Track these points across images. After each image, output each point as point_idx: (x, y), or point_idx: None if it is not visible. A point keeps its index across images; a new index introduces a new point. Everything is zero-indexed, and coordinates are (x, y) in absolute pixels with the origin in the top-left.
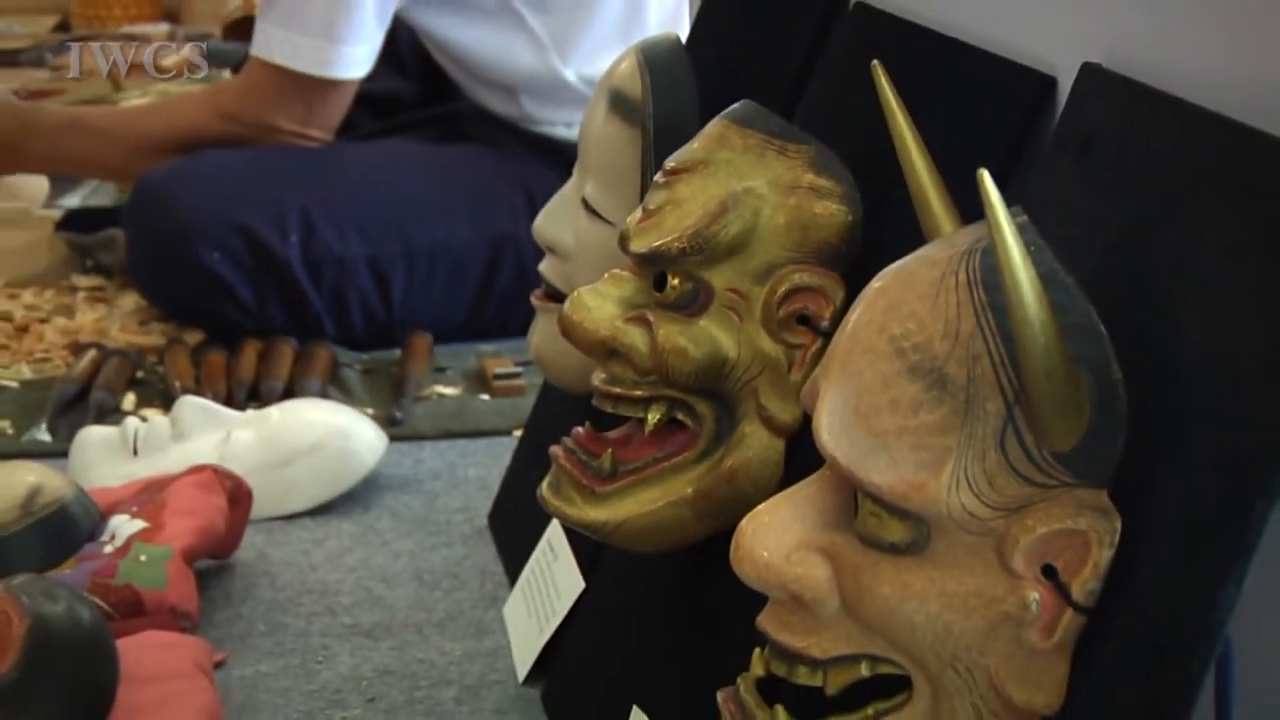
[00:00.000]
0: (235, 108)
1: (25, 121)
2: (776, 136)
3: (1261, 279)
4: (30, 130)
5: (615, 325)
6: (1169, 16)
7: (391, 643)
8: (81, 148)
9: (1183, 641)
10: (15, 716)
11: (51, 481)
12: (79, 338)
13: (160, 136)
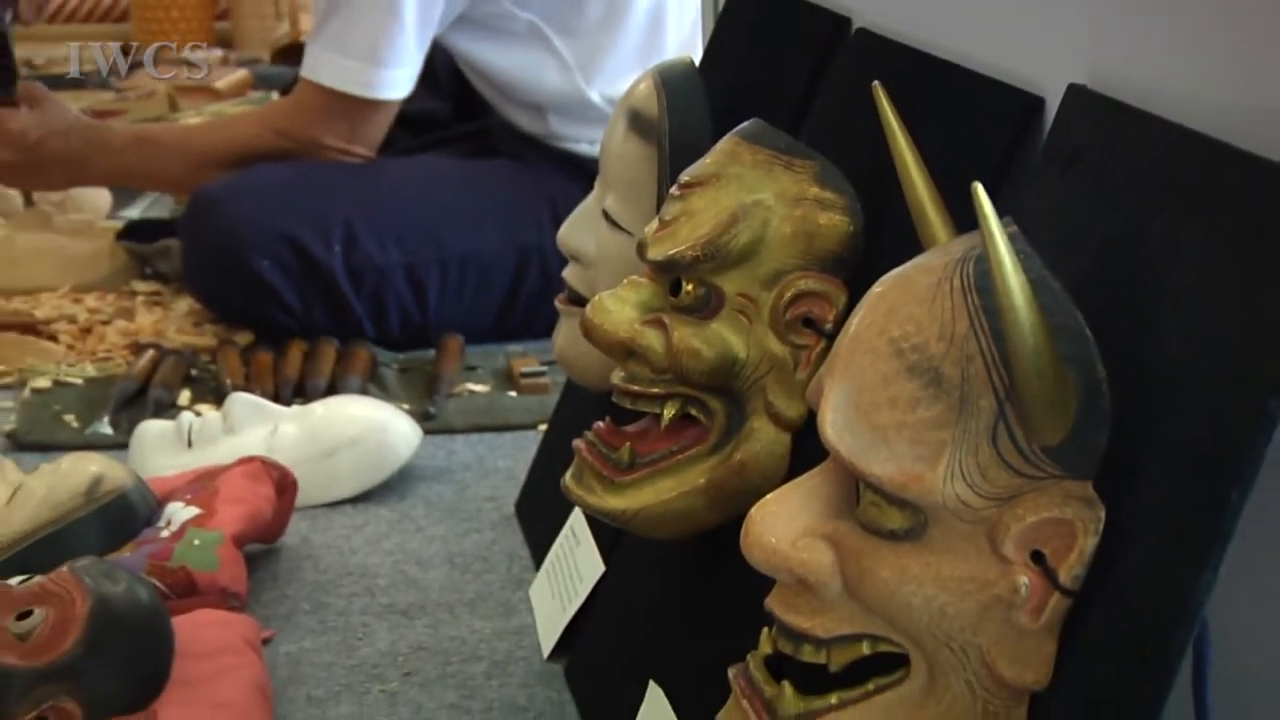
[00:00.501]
0: (286, 125)
1: (93, 138)
2: (784, 152)
3: (1234, 284)
4: (97, 146)
5: (634, 327)
6: (1148, 41)
7: (426, 621)
8: (145, 162)
9: (1163, 624)
10: (79, 689)
11: (112, 471)
12: (138, 339)
13: (217, 152)
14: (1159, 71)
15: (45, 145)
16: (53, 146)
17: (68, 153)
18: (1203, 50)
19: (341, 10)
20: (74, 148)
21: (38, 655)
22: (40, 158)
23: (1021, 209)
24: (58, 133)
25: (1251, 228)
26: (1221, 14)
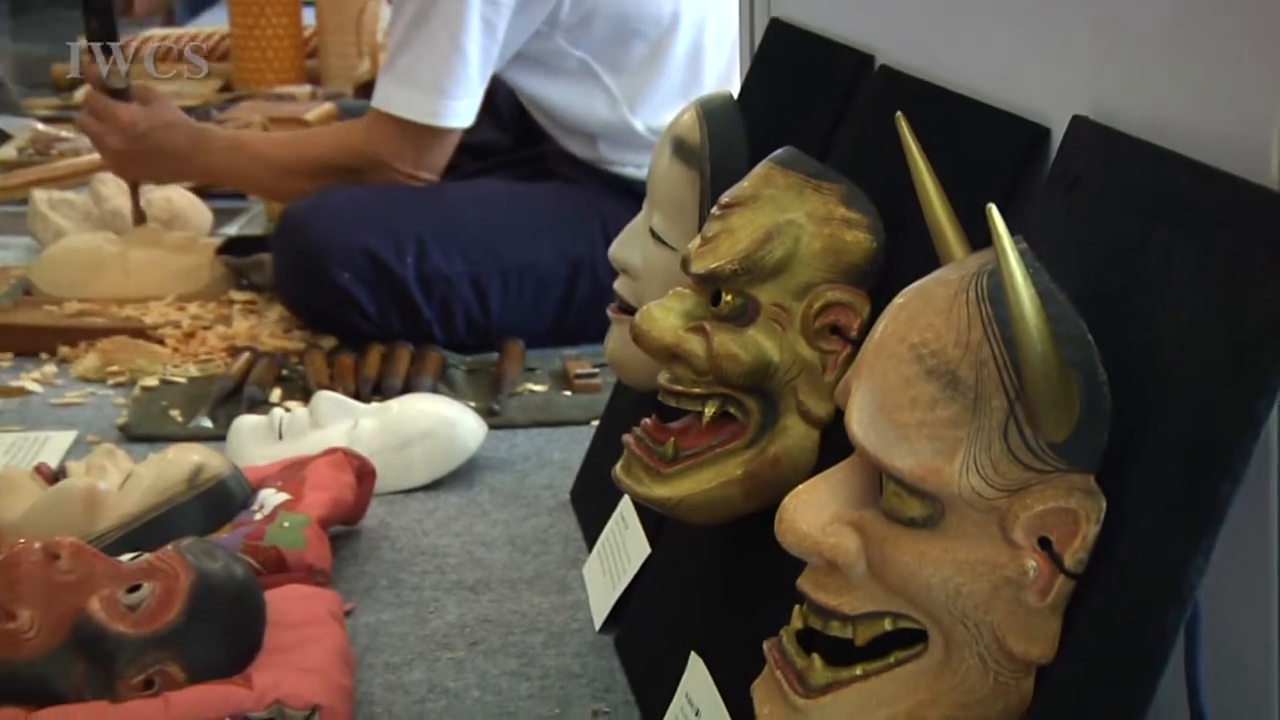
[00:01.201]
0: (359, 147)
1: (194, 137)
2: (813, 176)
3: (1223, 295)
4: (199, 145)
5: (678, 334)
6: (1143, 77)
7: (490, 596)
8: (237, 165)
9: (1158, 604)
10: (182, 655)
11: (212, 461)
12: (235, 342)
13: (297, 163)
14: (1153, 104)
15: (151, 137)
16: (158, 139)
17: (171, 147)
18: (1193, 85)
19: (411, 48)
20: (177, 143)
21: (146, 624)
22: (146, 148)
23: (1029, 228)
24: (164, 127)
25: (1238, 245)
26: (1210, 53)
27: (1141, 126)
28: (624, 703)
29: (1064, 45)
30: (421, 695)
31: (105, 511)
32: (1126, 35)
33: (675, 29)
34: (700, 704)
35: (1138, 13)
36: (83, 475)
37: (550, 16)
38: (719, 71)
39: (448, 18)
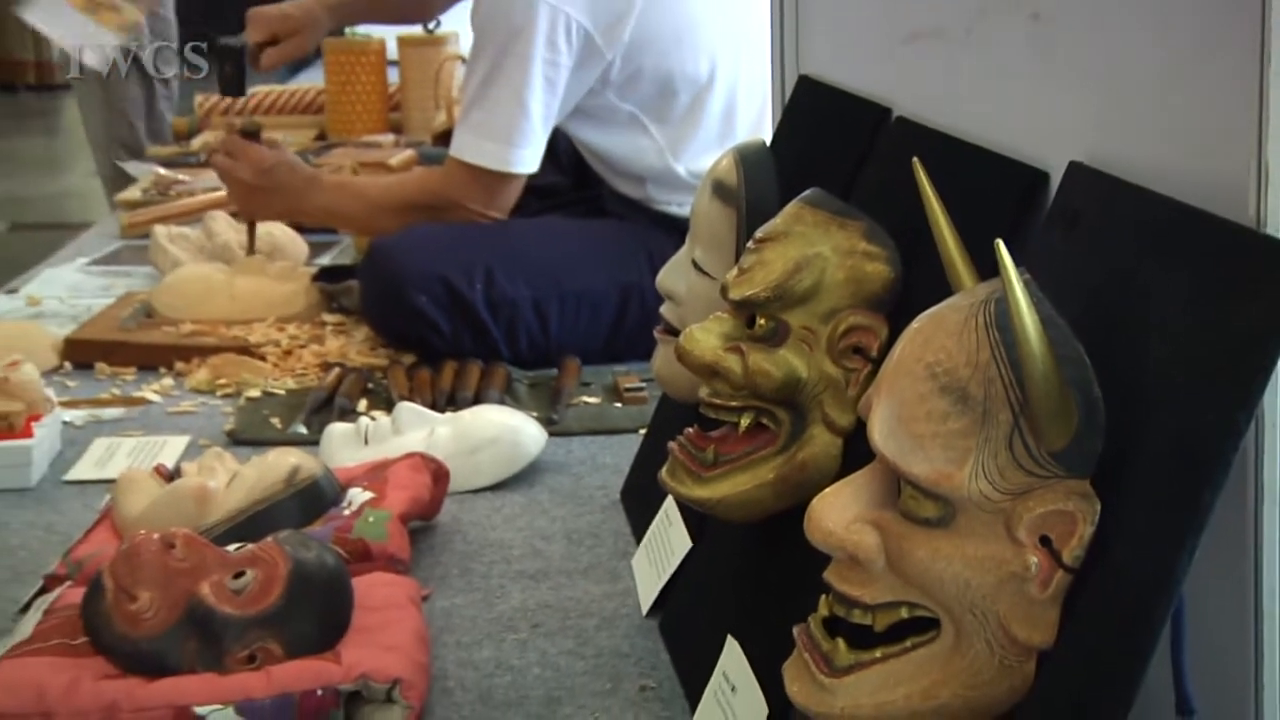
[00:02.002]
0: (438, 189)
1: (309, 177)
2: (838, 214)
3: (1205, 322)
4: (313, 184)
5: (717, 353)
6: (1134, 127)
7: (549, 584)
8: (341, 203)
9: (1148, 597)
10: (281, 633)
11: (307, 463)
12: (327, 359)
13: (390, 201)
14: (1142, 151)
15: (274, 174)
16: (280, 177)
17: (290, 184)
18: (1178, 134)
19: (483, 104)
20: (295, 181)
21: (249, 606)
22: (268, 184)
23: (1031, 261)
24: (285, 166)
25: (1219, 277)
26: (1194, 105)
27: (1132, 171)
28: (668, 679)
29: (1061, 98)
30: (489, 671)
31: (214, 507)
32: (1118, 89)
33: (711, 85)
34: (736, 681)
35: (1128, 68)
36: (195, 475)
37: (603, 75)
38: (751, 122)
39: (514, 77)
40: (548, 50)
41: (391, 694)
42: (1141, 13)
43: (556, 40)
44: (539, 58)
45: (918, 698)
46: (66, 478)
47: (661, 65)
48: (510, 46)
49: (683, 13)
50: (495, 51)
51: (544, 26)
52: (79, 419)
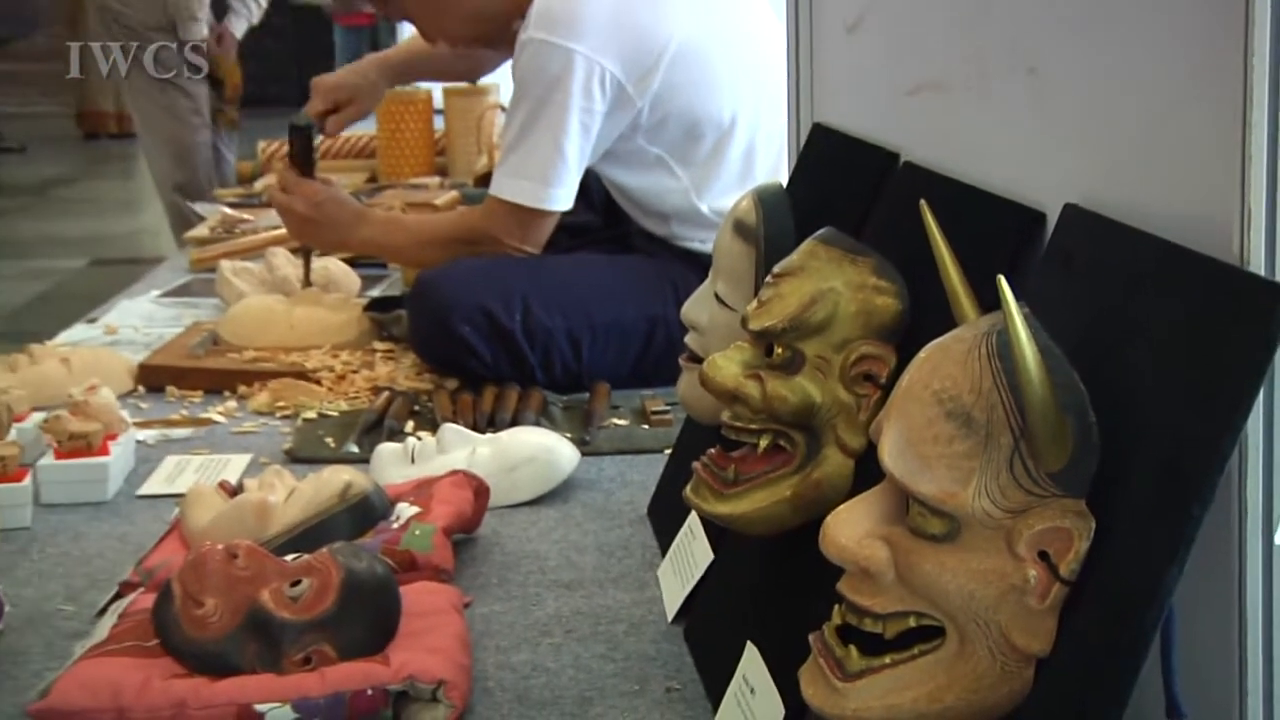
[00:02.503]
0: (478, 225)
1: (359, 212)
2: (850, 251)
3: (1192, 352)
4: (362, 218)
5: (738, 380)
6: (1125, 171)
7: (582, 592)
8: (388, 236)
9: (1139, 607)
10: (334, 637)
11: (359, 479)
12: (377, 383)
13: (434, 235)
14: (1132, 194)
15: (325, 207)
16: (331, 211)
17: (339, 218)
18: (1166, 178)
19: (522, 147)
20: (344, 215)
21: (305, 612)
22: (320, 216)
23: (1030, 296)
24: (334, 201)
25: (1205, 311)
26: (1181, 151)
27: (1122, 212)
28: (691, 682)
29: (1056, 145)
30: (526, 673)
31: (274, 520)
32: (1109, 136)
33: (733, 130)
34: (755, 684)
35: (1118, 117)
36: (256, 491)
37: (633, 121)
38: (770, 164)
39: (552, 123)
40: (583, 98)
41: (436, 694)
42: (1131, 66)
43: (591, 89)
44: (575, 105)
45: (924, 701)
46: (139, 492)
47: (688, 112)
48: (548, 95)
49: (708, 64)
50: (534, 99)
51: (580, 76)
52: (151, 438)
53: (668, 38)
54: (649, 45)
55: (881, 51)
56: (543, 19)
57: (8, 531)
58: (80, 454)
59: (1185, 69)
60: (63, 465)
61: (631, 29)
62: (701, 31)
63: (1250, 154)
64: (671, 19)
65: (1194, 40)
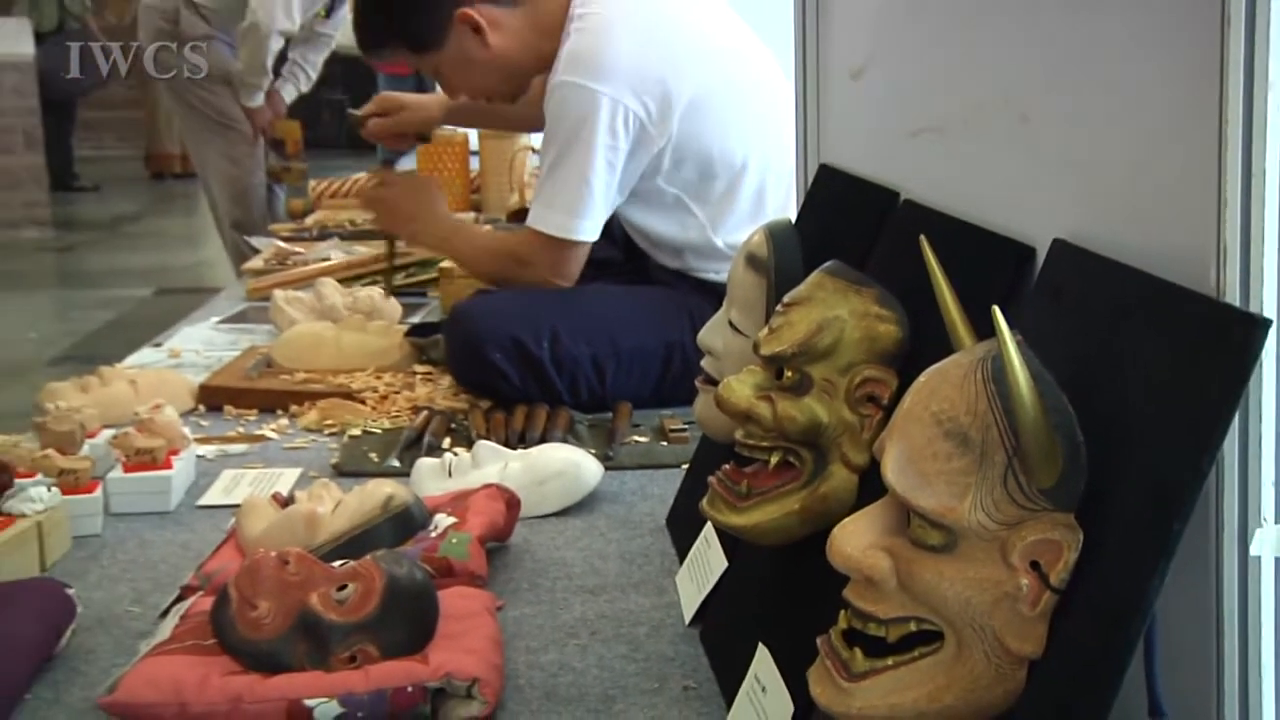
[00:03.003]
0: (517, 250)
1: (444, 212)
2: (854, 282)
3: (1173, 378)
4: (435, 213)
5: (750, 401)
6: (1109, 210)
7: (606, 597)
8: (451, 235)
9: (1124, 614)
10: (377, 638)
11: (400, 491)
12: (417, 403)
13: (487, 245)
14: (1116, 231)
15: (419, 196)
16: (424, 198)
17: (414, 205)
18: (1148, 216)
19: (553, 183)
20: (418, 204)
21: (351, 614)
22: (412, 204)
23: (1021, 324)
24: (431, 194)
25: (1185, 339)
26: (1161, 191)
27: (1107, 247)
28: (707, 680)
29: (1046, 185)
30: (554, 672)
31: (322, 529)
32: (1095, 177)
33: (745, 171)
34: (766, 683)
35: (1104, 159)
36: (306, 502)
37: (654, 161)
38: (779, 202)
39: (579, 159)
40: (609, 137)
41: (471, 690)
42: (1115, 113)
43: (616, 128)
44: (601, 143)
45: (924, 700)
46: (199, 503)
47: (703, 155)
48: (576, 133)
49: (721, 111)
50: (564, 137)
51: (605, 117)
52: (210, 453)
53: (686, 86)
54: (669, 91)
55: (884, 97)
56: (571, 63)
57: (80, 539)
58: (146, 468)
59: (1166, 116)
60: (130, 478)
61: (653, 75)
62: (715, 80)
63: (1226, 195)
64: (688, 69)
65: (1173, 89)
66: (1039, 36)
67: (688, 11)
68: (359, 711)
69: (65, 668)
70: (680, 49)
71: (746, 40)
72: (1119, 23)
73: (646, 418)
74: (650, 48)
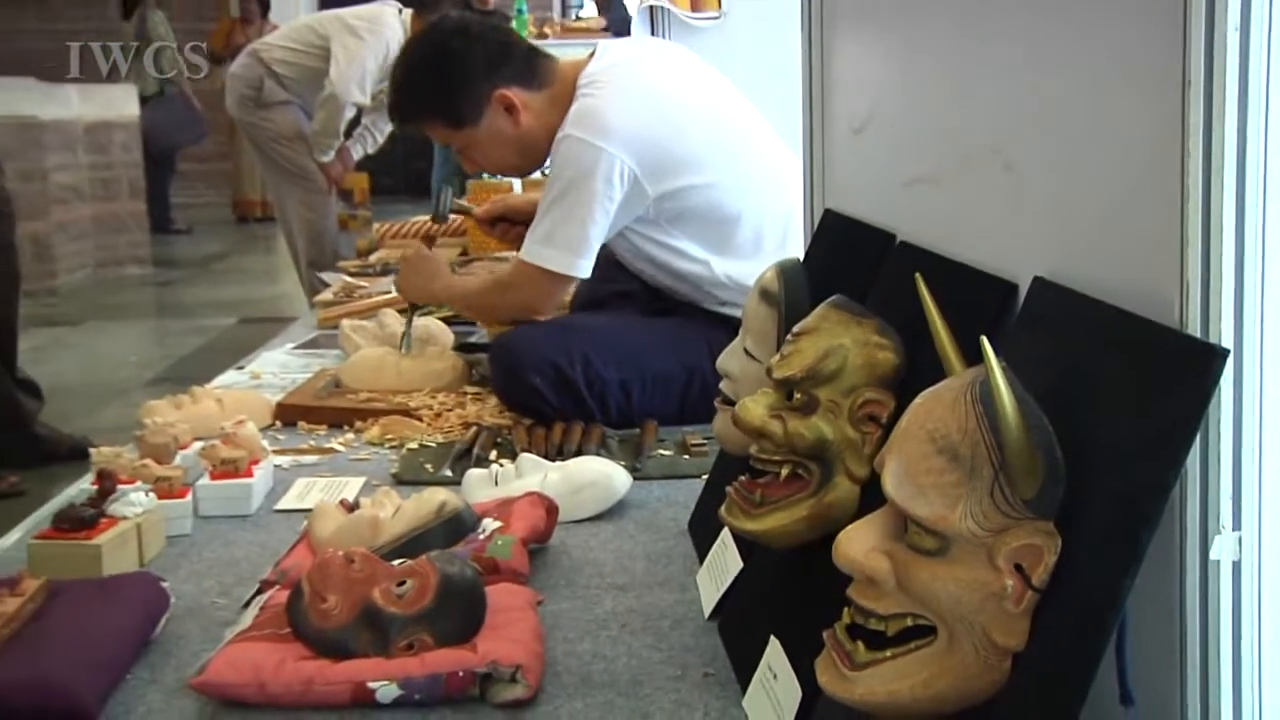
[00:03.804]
0: (510, 281)
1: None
2: (856, 314)
3: (1141, 401)
4: (437, 276)
5: (764, 419)
6: (1084, 250)
7: (635, 593)
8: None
9: (1098, 612)
10: (432, 628)
11: (452, 499)
12: (467, 420)
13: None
14: (1091, 269)
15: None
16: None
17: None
18: (1119, 256)
19: (549, 220)
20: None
21: (409, 607)
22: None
23: (1006, 353)
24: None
25: (1152, 366)
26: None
27: (1082, 284)
28: (724, 668)
29: (1027, 228)
30: (588, 659)
31: (383, 532)
32: (1071, 221)
33: (740, 219)
34: (777, 671)
35: (1079, 205)
36: (369, 507)
37: (654, 211)
38: (775, 241)
39: (576, 204)
40: (605, 186)
41: (515, 675)
42: (1090, 164)
43: (612, 179)
44: (599, 193)
45: (919, 688)
46: (276, 507)
47: (703, 208)
48: (576, 181)
49: (715, 166)
50: (565, 183)
51: (604, 169)
52: (286, 464)
53: (680, 148)
54: (664, 151)
55: (882, 150)
56: (577, 120)
57: (173, 538)
58: (230, 476)
59: (1135, 168)
60: (216, 485)
61: (649, 136)
62: (707, 142)
63: (1188, 237)
64: (683, 132)
65: (1142, 145)
66: (1021, 96)
67: (682, 81)
68: (416, 693)
69: (160, 651)
70: (675, 114)
71: (736, 103)
72: (1092, 86)
73: (670, 434)
74: (647, 113)
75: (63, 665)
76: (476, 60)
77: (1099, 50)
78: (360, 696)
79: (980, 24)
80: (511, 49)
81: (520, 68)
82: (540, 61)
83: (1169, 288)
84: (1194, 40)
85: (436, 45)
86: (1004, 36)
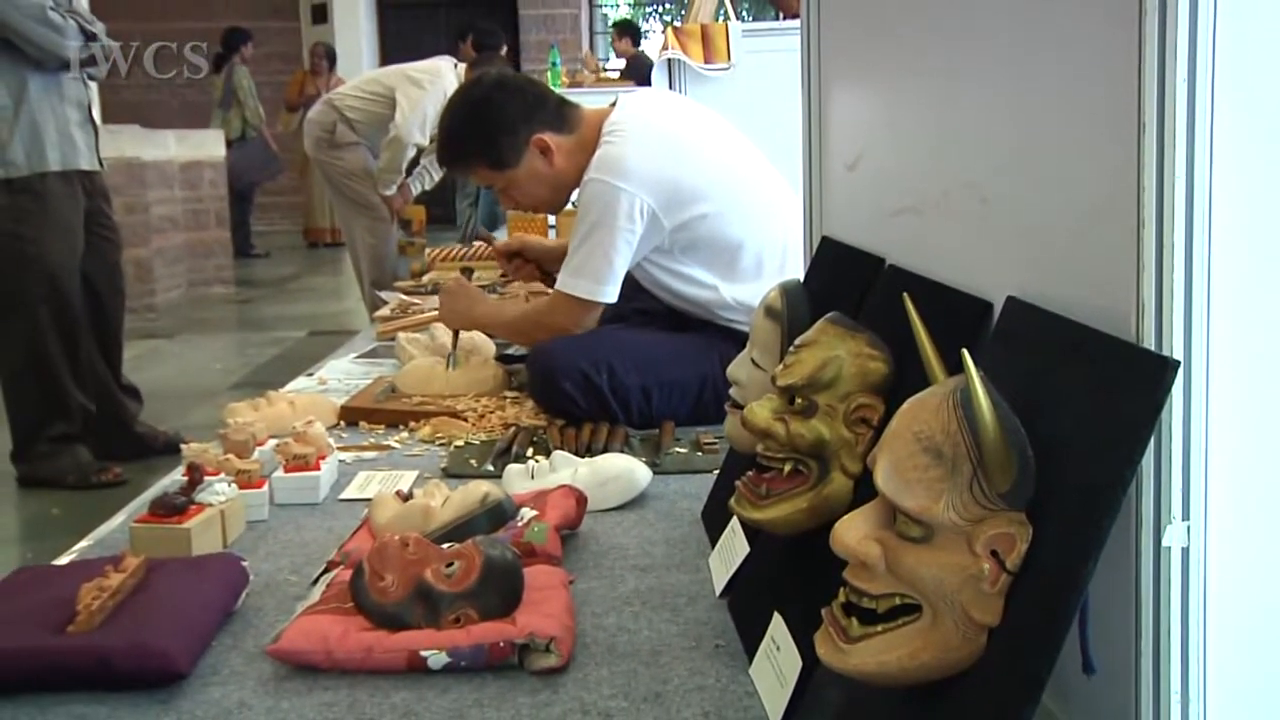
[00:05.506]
0: (543, 308)
1: (478, 298)
2: (851, 329)
3: (1102, 405)
4: (477, 302)
5: (769, 422)
6: (1051, 272)
7: (654, 574)
8: (493, 315)
9: (1063, 593)
10: (476, 604)
11: (494, 490)
12: (508, 421)
13: (517, 314)
14: (1057, 289)
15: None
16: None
17: (461, 304)
18: (1083, 277)
19: (580, 253)
20: (463, 302)
21: (456, 585)
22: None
23: (983, 364)
24: (466, 289)
25: (1111, 375)
26: (1093, 257)
27: (1050, 303)
28: (733, 640)
29: (1000, 253)
30: (614, 632)
31: (434, 519)
32: (1040, 246)
33: (743, 247)
34: (780, 643)
35: (1047, 232)
36: (422, 498)
37: (669, 241)
38: (775, 264)
39: (602, 239)
40: (626, 222)
41: (549, 646)
42: (1056, 196)
43: (633, 215)
44: (621, 227)
45: (906, 659)
46: (340, 497)
47: (710, 238)
48: (601, 219)
49: (721, 202)
50: (591, 221)
51: (625, 207)
52: (349, 459)
53: (692, 185)
54: (679, 189)
55: (873, 185)
56: (600, 165)
57: (252, 523)
58: (301, 469)
59: (1096, 199)
60: (289, 477)
61: (665, 176)
62: (715, 181)
63: (1143, 261)
64: (695, 172)
65: (1102, 178)
66: (995, 138)
67: (689, 125)
68: (462, 661)
69: (241, 621)
70: (683, 154)
71: (735, 143)
72: (1058, 129)
73: (685, 434)
74: (661, 155)
75: (159, 632)
76: (515, 109)
77: (1064, 98)
78: (414, 663)
79: (958, 75)
80: (545, 99)
81: (553, 115)
82: (569, 110)
83: (1127, 306)
84: (1147, 89)
85: (479, 98)
86: (979, 85)
